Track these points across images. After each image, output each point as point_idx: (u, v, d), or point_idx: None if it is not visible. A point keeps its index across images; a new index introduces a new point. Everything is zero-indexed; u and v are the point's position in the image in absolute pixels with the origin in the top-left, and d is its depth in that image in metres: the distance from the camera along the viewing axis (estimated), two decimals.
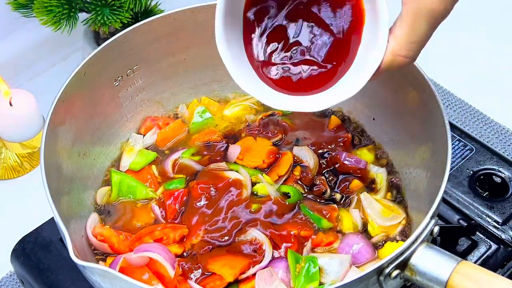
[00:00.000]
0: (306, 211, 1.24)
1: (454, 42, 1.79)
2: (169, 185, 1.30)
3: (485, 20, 1.84)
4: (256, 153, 1.32)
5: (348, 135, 1.36)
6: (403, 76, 1.26)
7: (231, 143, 1.35)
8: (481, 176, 1.38)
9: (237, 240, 1.21)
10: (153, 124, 1.38)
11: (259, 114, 1.40)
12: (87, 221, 1.25)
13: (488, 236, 1.31)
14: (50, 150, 1.17)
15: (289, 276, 1.16)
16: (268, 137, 1.35)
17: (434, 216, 1.08)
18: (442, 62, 1.73)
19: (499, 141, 1.59)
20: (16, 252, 1.30)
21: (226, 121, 1.40)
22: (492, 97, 1.68)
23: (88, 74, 1.26)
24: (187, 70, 1.40)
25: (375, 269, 1.04)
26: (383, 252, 1.20)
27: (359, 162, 1.31)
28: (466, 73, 1.73)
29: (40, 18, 1.48)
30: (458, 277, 1.03)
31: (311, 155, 1.31)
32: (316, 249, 1.21)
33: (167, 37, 1.34)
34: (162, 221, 1.25)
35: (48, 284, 1.26)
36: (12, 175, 1.57)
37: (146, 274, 1.14)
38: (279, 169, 1.30)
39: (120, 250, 1.21)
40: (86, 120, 1.29)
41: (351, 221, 1.24)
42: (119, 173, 1.30)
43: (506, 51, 1.77)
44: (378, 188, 1.30)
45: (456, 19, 1.84)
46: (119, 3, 1.48)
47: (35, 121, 1.50)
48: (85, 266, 1.03)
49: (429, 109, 1.20)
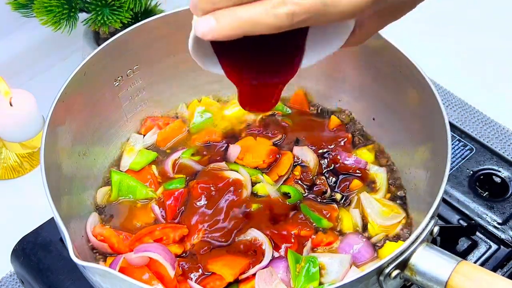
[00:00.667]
0: (306, 211, 1.24)
1: (454, 42, 1.79)
2: (169, 185, 1.30)
3: (485, 20, 1.84)
4: (256, 153, 1.32)
5: (348, 135, 1.36)
6: (403, 76, 1.26)
7: (231, 143, 1.35)
8: (481, 176, 1.38)
9: (237, 240, 1.21)
10: (153, 124, 1.38)
11: (259, 114, 1.40)
12: (87, 221, 1.25)
13: (488, 236, 1.31)
14: (50, 150, 1.17)
15: (289, 276, 1.16)
16: (268, 137, 1.35)
17: (434, 216, 1.08)
18: (442, 62, 1.73)
19: (499, 141, 1.59)
20: (16, 252, 1.30)
21: (226, 121, 1.40)
22: (492, 97, 1.68)
23: (88, 74, 1.26)
24: (187, 70, 1.40)
25: (375, 269, 1.04)
26: (383, 252, 1.20)
27: (359, 162, 1.31)
28: (466, 73, 1.73)
29: (40, 18, 1.48)
30: (458, 277, 1.03)
31: (311, 155, 1.31)
32: (316, 249, 1.22)
33: (167, 37, 1.34)
34: (162, 221, 1.25)
35: (48, 284, 1.26)
36: (12, 175, 1.57)
37: (146, 274, 1.14)
38: (279, 169, 1.30)
39: (120, 250, 1.21)
40: (86, 120, 1.29)
41: (351, 221, 1.24)
42: (119, 173, 1.30)
43: (506, 51, 1.77)
44: (378, 188, 1.30)
45: (457, 19, 1.85)
46: (119, 3, 1.48)
47: (35, 121, 1.50)
48: (85, 266, 1.03)
49: (429, 109, 1.20)
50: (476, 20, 1.84)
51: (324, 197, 1.28)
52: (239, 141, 1.35)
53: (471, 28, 1.82)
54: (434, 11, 1.87)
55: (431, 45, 1.79)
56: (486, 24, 1.83)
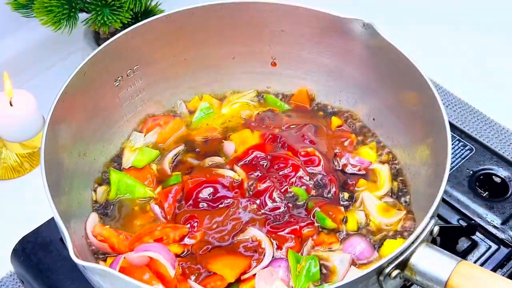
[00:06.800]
0: (312, 207, 1.23)
1: (454, 42, 1.80)
2: (166, 183, 1.30)
3: (485, 20, 1.84)
4: (251, 145, 1.32)
5: (350, 135, 1.36)
6: (403, 76, 1.26)
7: (229, 139, 1.35)
8: (481, 176, 1.38)
9: (236, 240, 1.21)
10: (154, 124, 1.38)
11: (256, 110, 1.40)
12: (87, 221, 1.25)
13: (488, 236, 1.31)
14: (50, 150, 1.17)
15: (290, 276, 1.16)
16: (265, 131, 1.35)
17: (434, 216, 1.08)
18: (442, 62, 1.73)
19: (499, 141, 1.60)
20: (16, 252, 1.30)
21: (223, 118, 1.40)
22: (492, 97, 1.68)
23: (88, 74, 1.26)
24: (187, 70, 1.40)
25: (375, 269, 1.04)
26: (383, 250, 1.20)
27: (362, 162, 1.31)
28: (466, 73, 1.73)
29: (40, 18, 1.48)
30: (458, 277, 1.03)
31: (316, 156, 1.31)
32: (317, 248, 1.21)
33: (167, 37, 1.34)
34: (163, 220, 1.25)
35: (48, 284, 1.26)
36: (12, 175, 1.57)
37: (147, 274, 1.14)
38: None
39: (120, 250, 1.21)
40: (86, 120, 1.29)
41: (355, 220, 1.24)
42: (117, 172, 1.30)
43: (506, 51, 1.77)
44: (379, 187, 1.30)
45: (457, 19, 1.85)
46: (119, 3, 1.48)
47: (35, 121, 1.50)
48: (85, 266, 1.03)
49: (429, 109, 1.20)
50: (476, 20, 1.84)
51: (329, 197, 1.27)
52: (236, 133, 1.35)
53: (471, 28, 1.82)
54: (434, 12, 1.87)
55: (431, 45, 1.79)
56: (486, 24, 1.83)
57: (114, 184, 1.29)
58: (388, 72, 1.29)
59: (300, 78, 1.42)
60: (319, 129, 1.36)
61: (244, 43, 1.39)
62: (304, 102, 1.41)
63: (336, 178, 1.29)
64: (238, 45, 1.39)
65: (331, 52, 1.36)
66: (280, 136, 1.33)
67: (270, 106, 1.41)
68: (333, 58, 1.37)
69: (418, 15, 1.87)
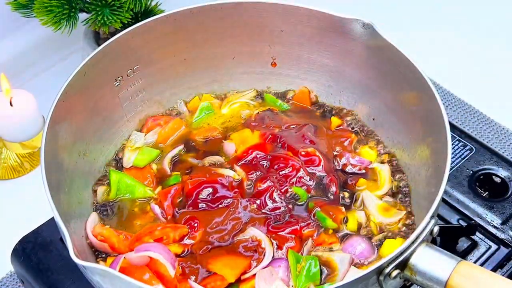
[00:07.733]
0: (312, 207, 1.23)
1: (454, 42, 1.80)
2: (166, 183, 1.30)
3: (486, 20, 1.84)
4: (251, 145, 1.32)
5: (350, 134, 1.36)
6: (403, 76, 1.26)
7: (229, 139, 1.35)
8: (480, 176, 1.38)
9: (236, 240, 1.21)
10: (155, 124, 1.39)
11: (256, 110, 1.40)
12: (87, 221, 1.25)
13: (488, 236, 1.31)
14: (50, 150, 1.17)
15: (290, 276, 1.16)
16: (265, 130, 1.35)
17: (434, 216, 1.08)
18: (442, 62, 1.73)
19: (499, 141, 1.60)
20: (16, 252, 1.30)
21: (223, 118, 1.40)
22: (492, 97, 1.68)
23: (88, 74, 1.26)
24: (187, 70, 1.40)
25: (375, 269, 1.04)
26: (383, 250, 1.20)
27: (363, 162, 1.31)
28: (466, 73, 1.73)
29: (40, 18, 1.48)
30: (458, 277, 1.03)
31: (316, 156, 1.31)
32: (317, 248, 1.21)
33: (167, 37, 1.34)
34: (163, 220, 1.25)
35: (48, 284, 1.26)
36: (12, 175, 1.57)
37: (147, 274, 1.14)
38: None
39: (120, 250, 1.21)
40: (86, 120, 1.29)
41: (356, 220, 1.24)
42: (117, 172, 1.30)
43: (506, 51, 1.77)
44: (380, 186, 1.30)
45: (457, 19, 1.85)
46: (119, 3, 1.48)
47: (35, 121, 1.50)
48: (86, 266, 1.03)
49: (429, 109, 1.20)
50: (476, 20, 1.84)
51: (330, 197, 1.27)
52: (236, 133, 1.35)
53: (471, 28, 1.82)
54: (434, 12, 1.87)
55: (431, 45, 1.79)
56: (486, 24, 1.83)
57: (114, 184, 1.29)
58: (388, 72, 1.29)
59: (300, 78, 1.42)
60: (319, 129, 1.36)
61: (244, 43, 1.39)
62: (304, 102, 1.41)
63: (337, 178, 1.29)
64: (238, 45, 1.39)
65: (331, 52, 1.36)
66: (280, 136, 1.33)
67: (269, 106, 1.41)
68: (333, 58, 1.37)
69: (418, 15, 1.87)
